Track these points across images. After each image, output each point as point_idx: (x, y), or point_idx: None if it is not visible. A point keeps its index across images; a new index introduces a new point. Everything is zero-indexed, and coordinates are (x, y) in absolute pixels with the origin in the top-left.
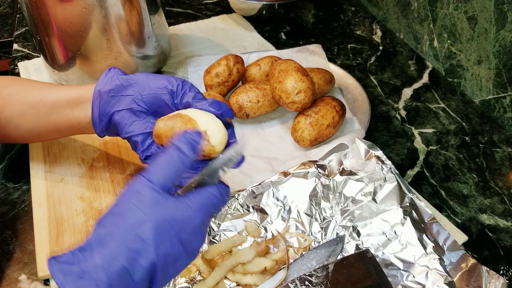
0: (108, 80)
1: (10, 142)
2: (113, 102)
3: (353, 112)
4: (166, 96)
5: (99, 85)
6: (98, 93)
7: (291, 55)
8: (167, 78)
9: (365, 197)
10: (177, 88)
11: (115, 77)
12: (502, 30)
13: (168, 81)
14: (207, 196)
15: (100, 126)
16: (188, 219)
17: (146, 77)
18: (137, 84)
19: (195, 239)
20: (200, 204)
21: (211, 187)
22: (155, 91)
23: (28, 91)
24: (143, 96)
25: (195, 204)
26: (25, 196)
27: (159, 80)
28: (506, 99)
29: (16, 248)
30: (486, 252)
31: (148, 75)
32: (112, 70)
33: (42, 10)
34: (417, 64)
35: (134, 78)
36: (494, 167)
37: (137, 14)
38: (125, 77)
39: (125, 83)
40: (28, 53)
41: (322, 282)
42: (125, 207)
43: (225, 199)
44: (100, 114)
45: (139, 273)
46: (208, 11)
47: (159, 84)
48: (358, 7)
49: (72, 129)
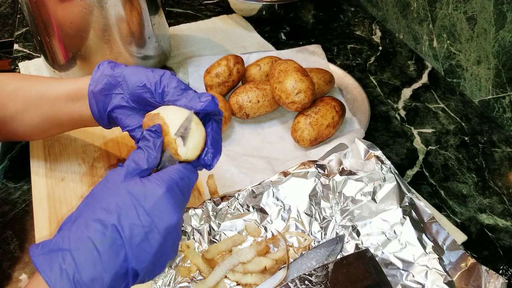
0: (98, 78)
1: (16, 139)
2: (107, 100)
3: (353, 112)
4: (146, 94)
5: (91, 85)
6: (92, 93)
7: (291, 55)
8: (146, 74)
9: (364, 197)
10: (155, 85)
11: (103, 75)
12: (502, 30)
13: (147, 78)
14: (167, 171)
15: (103, 123)
16: (151, 190)
17: (131, 72)
18: (124, 81)
19: (163, 210)
20: (162, 177)
21: (173, 166)
22: (135, 89)
23: (31, 87)
24: (129, 94)
25: (156, 178)
26: (26, 195)
27: (139, 76)
28: (505, 99)
29: (16, 248)
30: (486, 252)
31: (134, 69)
32: (101, 67)
33: (43, 10)
34: (417, 64)
35: (121, 74)
36: (493, 167)
37: (137, 15)
38: (113, 73)
39: (113, 81)
40: (28, 53)
41: (322, 282)
42: (96, 189)
43: (190, 173)
44: (99, 112)
45: (101, 244)
46: (208, 12)
47: (139, 81)
48: (358, 8)
49: (75, 122)
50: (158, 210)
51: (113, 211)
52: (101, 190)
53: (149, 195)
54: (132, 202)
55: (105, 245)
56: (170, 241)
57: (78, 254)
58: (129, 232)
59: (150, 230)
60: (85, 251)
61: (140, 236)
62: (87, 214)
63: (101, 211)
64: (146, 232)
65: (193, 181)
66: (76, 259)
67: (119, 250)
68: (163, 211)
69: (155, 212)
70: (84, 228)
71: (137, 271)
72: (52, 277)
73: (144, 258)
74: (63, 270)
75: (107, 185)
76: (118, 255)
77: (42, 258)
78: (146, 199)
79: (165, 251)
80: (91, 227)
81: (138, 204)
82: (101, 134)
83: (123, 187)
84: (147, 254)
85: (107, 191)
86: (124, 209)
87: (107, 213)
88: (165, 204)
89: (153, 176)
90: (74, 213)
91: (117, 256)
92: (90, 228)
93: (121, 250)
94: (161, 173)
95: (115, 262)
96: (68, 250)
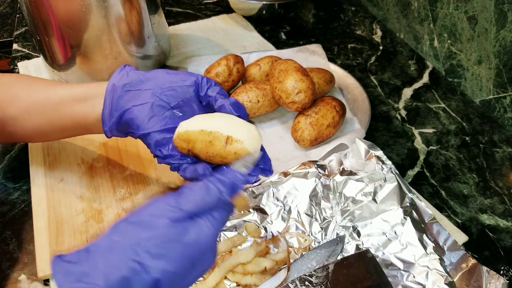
0: (123, 74)
1: (16, 141)
2: (128, 97)
3: (353, 112)
4: (191, 88)
5: (113, 79)
6: (112, 87)
7: (291, 55)
8: (188, 73)
9: (365, 197)
10: (201, 81)
11: (131, 72)
12: (502, 30)
13: (190, 75)
14: (222, 215)
15: (109, 123)
16: (202, 240)
17: (166, 72)
18: (156, 78)
19: (207, 257)
20: (215, 226)
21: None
22: (179, 83)
23: (34, 89)
24: (163, 89)
25: (211, 221)
26: (25, 196)
27: (181, 74)
28: (506, 99)
29: (16, 248)
30: (487, 252)
31: (167, 70)
32: (127, 66)
33: (42, 10)
34: (417, 64)
35: (152, 73)
36: (494, 167)
37: (137, 14)
38: (142, 72)
39: (143, 78)
40: (28, 53)
41: (322, 282)
42: (143, 218)
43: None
44: (111, 110)
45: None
46: (208, 11)
47: (182, 77)
48: (358, 7)
49: (78, 126)
50: (203, 258)
51: (154, 258)
52: (148, 222)
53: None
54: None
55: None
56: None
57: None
58: (167, 279)
59: (189, 273)
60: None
61: (179, 279)
62: (128, 250)
63: (143, 252)
64: (183, 276)
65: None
66: None
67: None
68: (207, 258)
69: (200, 259)
70: (121, 265)
71: None
72: None
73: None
74: None
75: (157, 221)
76: None
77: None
78: (195, 249)
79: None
80: (128, 267)
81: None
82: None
83: (173, 231)
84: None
85: (155, 227)
86: (166, 256)
87: (148, 257)
88: (210, 251)
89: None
90: (112, 237)
91: None
92: (127, 267)
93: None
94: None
95: None
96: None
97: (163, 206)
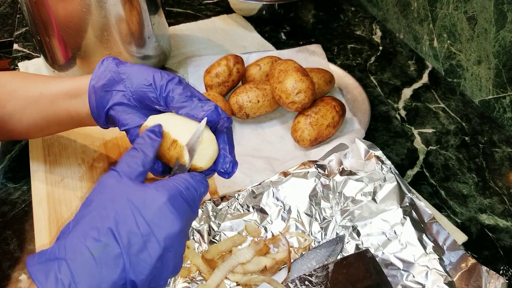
0: (101, 74)
1: (13, 138)
2: (108, 96)
3: (353, 112)
4: (151, 94)
5: (93, 79)
6: (93, 88)
7: (291, 55)
8: (154, 74)
9: (365, 197)
10: (160, 88)
11: (107, 71)
12: (502, 30)
13: (154, 79)
14: (173, 179)
15: (100, 120)
16: (152, 198)
17: (137, 70)
18: (128, 79)
19: (163, 219)
20: (165, 185)
21: (180, 174)
22: (141, 87)
23: (30, 86)
24: (132, 92)
25: (159, 185)
26: (26, 196)
27: (146, 75)
28: (505, 99)
29: (16, 248)
30: (486, 252)
31: (140, 67)
32: (105, 62)
33: (42, 10)
34: (417, 64)
35: (126, 72)
36: (493, 167)
37: (137, 14)
38: (117, 69)
39: (117, 77)
40: (28, 53)
41: (322, 282)
42: (92, 196)
43: (198, 183)
44: (97, 109)
45: (98, 252)
46: (208, 11)
47: (145, 80)
48: (358, 7)
49: (72, 121)
50: (158, 219)
51: (110, 218)
52: (97, 197)
53: (149, 202)
54: (130, 209)
55: (103, 253)
56: (171, 253)
57: (75, 264)
58: (127, 240)
59: (149, 239)
60: (81, 260)
61: (139, 245)
62: (84, 222)
63: (98, 218)
64: (145, 241)
65: (202, 192)
66: (73, 269)
67: (117, 259)
68: (163, 220)
69: (155, 220)
70: (81, 236)
71: (136, 283)
72: (47, 287)
73: (142, 270)
74: (59, 280)
75: (103, 191)
76: (116, 265)
77: (37, 268)
78: (146, 207)
79: (166, 264)
80: (88, 235)
81: (137, 211)
82: (101, 135)
83: (121, 193)
84: (145, 265)
85: (104, 197)
86: (122, 216)
87: (104, 220)
88: (166, 213)
89: (156, 183)
90: (71, 221)
91: (115, 266)
92: (87, 236)
93: (119, 259)
94: (165, 181)
95: (113, 272)
96: (64, 260)
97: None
